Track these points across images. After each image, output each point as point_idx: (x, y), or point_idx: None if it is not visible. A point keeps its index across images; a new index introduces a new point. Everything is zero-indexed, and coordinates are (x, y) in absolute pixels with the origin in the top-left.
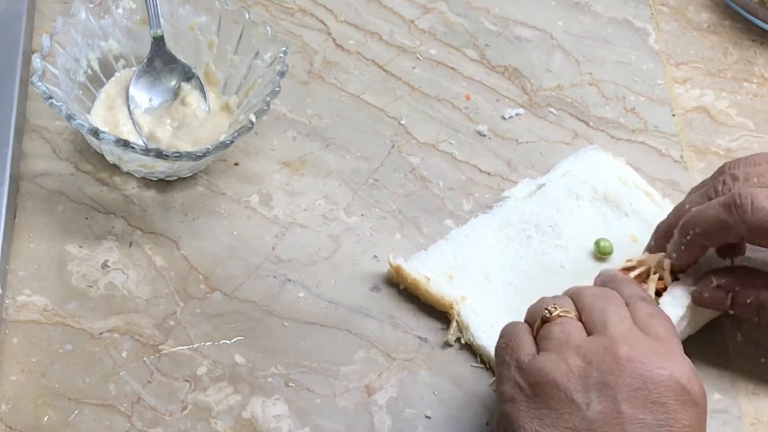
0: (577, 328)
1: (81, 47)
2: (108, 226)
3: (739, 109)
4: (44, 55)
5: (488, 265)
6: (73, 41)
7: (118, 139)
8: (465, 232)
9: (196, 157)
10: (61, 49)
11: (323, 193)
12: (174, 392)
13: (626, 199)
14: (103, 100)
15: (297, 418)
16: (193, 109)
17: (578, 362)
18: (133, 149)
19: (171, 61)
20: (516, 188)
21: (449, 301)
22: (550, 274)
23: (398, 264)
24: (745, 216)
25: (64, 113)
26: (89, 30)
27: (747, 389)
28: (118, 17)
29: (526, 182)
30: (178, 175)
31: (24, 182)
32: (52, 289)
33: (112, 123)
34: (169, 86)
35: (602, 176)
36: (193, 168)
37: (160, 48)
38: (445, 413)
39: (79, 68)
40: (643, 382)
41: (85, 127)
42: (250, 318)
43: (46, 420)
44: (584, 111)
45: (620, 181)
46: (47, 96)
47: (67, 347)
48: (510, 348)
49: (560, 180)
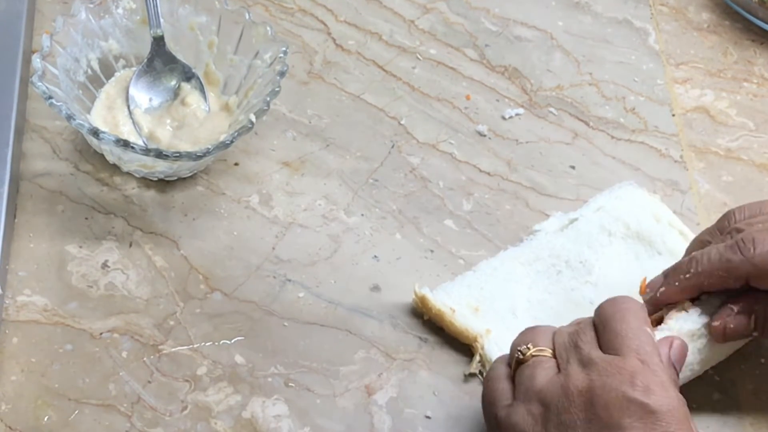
0: (545, 368)
1: (81, 47)
2: (108, 226)
3: (739, 109)
4: (44, 55)
5: (515, 299)
6: (73, 41)
7: (118, 139)
8: (493, 264)
9: (196, 157)
10: (61, 49)
11: (323, 193)
12: (174, 392)
13: (659, 238)
14: (103, 100)
15: (297, 418)
16: (193, 109)
17: (539, 409)
18: (133, 149)
19: (171, 61)
20: (547, 222)
21: (474, 334)
22: (579, 311)
23: (423, 294)
24: (749, 254)
25: (63, 113)
26: (89, 30)
27: (747, 389)
28: (118, 17)
29: (558, 216)
30: (178, 175)
31: (24, 182)
32: (52, 289)
33: (112, 123)
34: (169, 86)
35: (636, 213)
36: (193, 168)
37: (160, 48)
38: (445, 413)
39: (79, 68)
40: (593, 411)
41: (85, 127)
42: (250, 318)
43: (46, 420)
44: (584, 111)
45: (654, 219)
46: (47, 96)
47: (67, 347)
48: (488, 401)
49: (593, 215)
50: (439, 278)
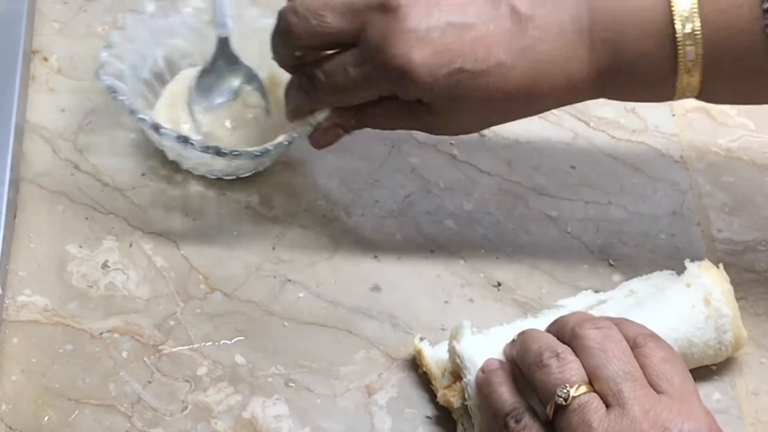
0: (593, 409)
1: (148, 44)
2: (108, 226)
3: (739, 109)
4: (111, 49)
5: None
6: (141, 37)
7: (179, 136)
8: (507, 332)
9: (254, 156)
10: (129, 45)
11: (323, 193)
12: (174, 392)
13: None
14: (166, 97)
15: (297, 418)
16: (254, 111)
17: None
18: (192, 146)
19: (234, 63)
20: (574, 299)
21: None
22: None
23: (420, 348)
24: None
25: (127, 108)
26: (157, 27)
27: (747, 389)
28: (187, 16)
29: (587, 294)
30: (236, 175)
31: (24, 182)
32: (52, 289)
33: (174, 120)
34: (231, 87)
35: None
36: (252, 168)
37: (224, 48)
38: (446, 413)
39: (145, 65)
40: None
41: (147, 122)
42: (251, 318)
43: (46, 420)
44: (584, 111)
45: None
46: (111, 90)
47: (67, 347)
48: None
49: (623, 300)
50: (439, 278)
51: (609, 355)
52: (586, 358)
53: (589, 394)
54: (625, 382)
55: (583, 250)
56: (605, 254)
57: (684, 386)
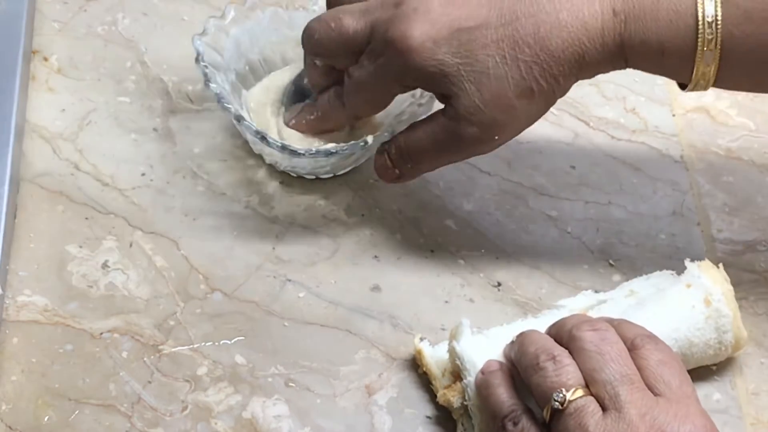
0: (590, 413)
1: (244, 43)
2: (108, 226)
3: (739, 109)
4: (205, 38)
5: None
6: (239, 32)
7: (257, 131)
8: (506, 332)
9: (329, 154)
10: (226, 37)
11: (323, 193)
12: (174, 392)
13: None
14: (259, 89)
15: (297, 418)
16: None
17: None
18: (269, 143)
19: None
20: (574, 299)
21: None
22: None
23: (420, 348)
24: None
25: (218, 97)
26: (255, 26)
27: (747, 389)
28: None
29: (587, 294)
30: (316, 174)
31: (24, 182)
32: (52, 290)
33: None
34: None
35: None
36: (333, 169)
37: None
38: (446, 414)
39: (240, 60)
40: None
41: (231, 112)
42: (251, 318)
43: (46, 420)
44: (584, 111)
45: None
46: (206, 79)
47: (67, 347)
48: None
49: (623, 300)
50: (439, 278)
51: (606, 358)
52: (583, 361)
53: (586, 398)
54: (622, 385)
55: (583, 250)
56: (605, 254)
57: (682, 389)
